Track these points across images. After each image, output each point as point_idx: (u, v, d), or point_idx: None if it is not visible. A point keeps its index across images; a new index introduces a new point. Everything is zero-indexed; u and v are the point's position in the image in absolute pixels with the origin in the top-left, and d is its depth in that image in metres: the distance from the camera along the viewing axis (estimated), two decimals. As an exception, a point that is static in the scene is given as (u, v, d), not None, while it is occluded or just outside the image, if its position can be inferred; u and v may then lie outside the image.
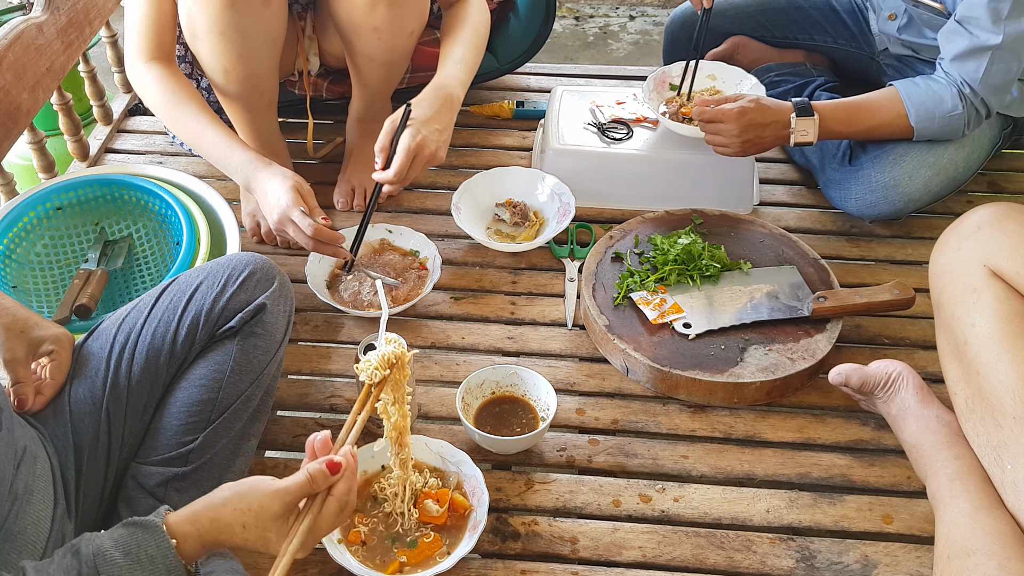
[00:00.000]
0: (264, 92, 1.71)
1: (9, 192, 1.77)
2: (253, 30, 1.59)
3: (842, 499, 1.35)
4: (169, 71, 1.61)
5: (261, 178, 1.52)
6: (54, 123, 1.98)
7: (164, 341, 1.21)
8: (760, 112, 1.64)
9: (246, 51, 1.60)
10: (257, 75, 1.66)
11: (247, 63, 1.62)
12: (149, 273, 1.64)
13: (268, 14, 1.59)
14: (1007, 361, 1.16)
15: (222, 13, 1.53)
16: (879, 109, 1.69)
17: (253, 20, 1.57)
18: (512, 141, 2.06)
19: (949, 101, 1.65)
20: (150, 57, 1.60)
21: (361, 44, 1.70)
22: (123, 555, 0.92)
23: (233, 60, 1.60)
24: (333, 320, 1.63)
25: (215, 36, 1.57)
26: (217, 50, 1.58)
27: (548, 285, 1.71)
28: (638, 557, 1.28)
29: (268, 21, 1.60)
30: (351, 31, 1.68)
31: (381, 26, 1.66)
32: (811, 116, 1.64)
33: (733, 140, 1.66)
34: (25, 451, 1.03)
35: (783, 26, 2.05)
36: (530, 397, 1.44)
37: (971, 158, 1.76)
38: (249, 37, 1.59)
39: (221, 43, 1.57)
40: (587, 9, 3.38)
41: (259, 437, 1.29)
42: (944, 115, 1.66)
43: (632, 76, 2.26)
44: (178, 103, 1.59)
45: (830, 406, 1.49)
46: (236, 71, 1.62)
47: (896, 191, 1.72)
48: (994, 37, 1.58)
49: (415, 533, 1.26)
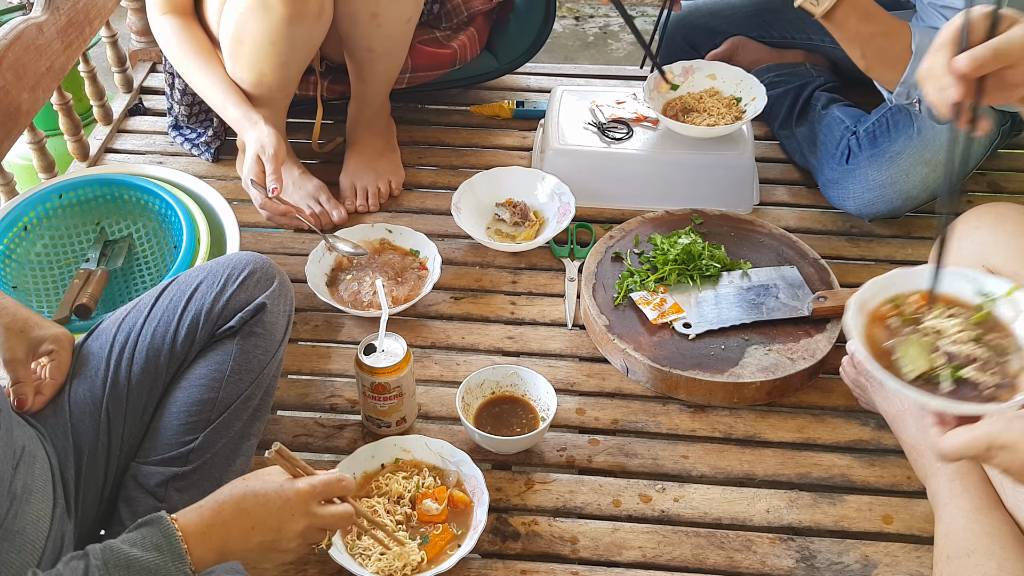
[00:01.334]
0: (289, 93, 1.77)
1: (9, 192, 1.77)
2: (302, 41, 1.63)
3: (842, 499, 1.36)
4: (182, 22, 1.69)
5: (243, 140, 1.65)
6: (54, 123, 1.98)
7: (164, 341, 1.21)
8: None
9: (289, 59, 1.65)
10: (290, 79, 1.72)
11: (286, 70, 1.67)
12: (149, 273, 1.64)
13: (319, 26, 1.63)
14: (1007, 361, 1.15)
15: (281, 26, 1.57)
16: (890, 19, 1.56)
17: (305, 31, 1.61)
18: (512, 141, 2.06)
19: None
20: (164, 10, 1.69)
21: (360, 34, 1.71)
22: (129, 546, 0.94)
23: (274, 67, 1.64)
24: (333, 320, 1.63)
25: (266, 45, 1.60)
26: (261, 56, 1.62)
27: (548, 285, 1.71)
28: (638, 557, 1.29)
29: (317, 32, 1.64)
30: (350, 21, 1.69)
31: (380, 12, 1.67)
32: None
33: None
34: (24, 451, 1.03)
35: (782, 26, 2.04)
36: (530, 397, 1.44)
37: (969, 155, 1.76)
38: (296, 47, 1.63)
39: (269, 52, 1.61)
40: (587, 9, 3.38)
41: (259, 437, 1.29)
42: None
43: (632, 76, 2.26)
44: (187, 54, 1.67)
45: (830, 406, 1.49)
46: (273, 75, 1.66)
47: (893, 189, 1.72)
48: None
49: (421, 531, 1.26)
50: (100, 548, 0.94)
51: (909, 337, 1.00)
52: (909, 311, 1.03)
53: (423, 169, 1.99)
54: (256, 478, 1.05)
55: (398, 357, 1.35)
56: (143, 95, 2.19)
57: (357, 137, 1.90)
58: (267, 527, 1.02)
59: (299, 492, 1.04)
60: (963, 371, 0.95)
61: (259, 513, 1.02)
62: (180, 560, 0.95)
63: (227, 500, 1.02)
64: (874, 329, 1.02)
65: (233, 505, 1.01)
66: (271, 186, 1.56)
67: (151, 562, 0.94)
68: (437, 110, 2.15)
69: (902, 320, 1.02)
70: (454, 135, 2.07)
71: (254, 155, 1.58)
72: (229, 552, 1.00)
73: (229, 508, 1.01)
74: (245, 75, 1.66)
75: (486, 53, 2.10)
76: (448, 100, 2.16)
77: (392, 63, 1.81)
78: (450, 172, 1.97)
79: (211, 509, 1.01)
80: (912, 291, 1.05)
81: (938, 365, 0.96)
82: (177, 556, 0.95)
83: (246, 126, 1.62)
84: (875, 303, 1.04)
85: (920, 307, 1.04)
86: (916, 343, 0.99)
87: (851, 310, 1.01)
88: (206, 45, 1.69)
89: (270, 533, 1.02)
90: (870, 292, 1.04)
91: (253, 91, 1.69)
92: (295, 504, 1.03)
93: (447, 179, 1.94)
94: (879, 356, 0.99)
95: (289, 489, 1.04)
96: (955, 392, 0.94)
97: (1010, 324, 1.00)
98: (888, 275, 1.05)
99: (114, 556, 0.93)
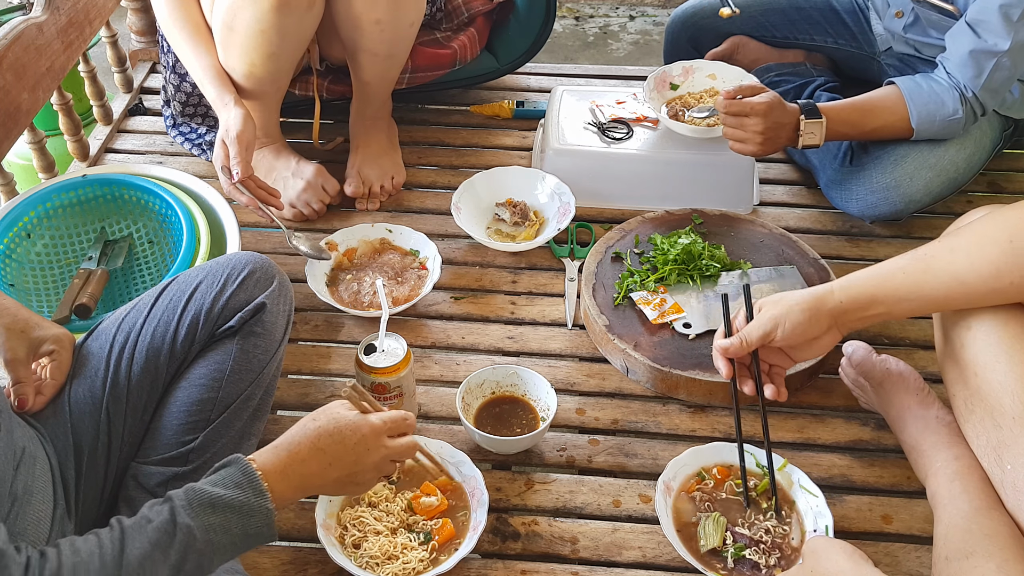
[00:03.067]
0: (280, 87, 1.77)
1: (9, 192, 1.77)
2: (291, 31, 1.63)
3: (842, 499, 1.35)
4: None
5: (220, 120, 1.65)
6: (54, 123, 1.98)
7: (164, 340, 1.21)
8: (782, 111, 1.64)
9: (279, 50, 1.65)
10: (280, 72, 1.72)
11: (276, 61, 1.67)
12: (149, 273, 1.64)
13: (309, 17, 1.63)
14: (1005, 362, 1.16)
15: (269, 13, 1.57)
16: (883, 111, 1.68)
17: (295, 22, 1.61)
18: (512, 141, 2.06)
19: (950, 104, 1.65)
20: None
21: (363, 39, 1.71)
22: (211, 486, 0.98)
23: (264, 57, 1.65)
24: (333, 320, 1.63)
25: (255, 33, 1.60)
26: (251, 45, 1.62)
27: (548, 285, 1.71)
28: (638, 557, 1.28)
29: (307, 24, 1.65)
30: (352, 26, 1.69)
31: (383, 18, 1.67)
32: (819, 119, 1.64)
33: (756, 136, 1.64)
34: (24, 452, 1.03)
35: (784, 26, 2.04)
36: (530, 397, 1.44)
37: (972, 159, 1.76)
38: (286, 38, 1.63)
39: (258, 40, 1.61)
40: (587, 9, 3.38)
41: (259, 436, 1.29)
42: (944, 118, 1.66)
43: (632, 76, 2.26)
44: (177, 24, 1.68)
45: (830, 406, 1.49)
46: (263, 67, 1.67)
47: (897, 192, 1.72)
48: (1003, 42, 1.57)
49: (422, 526, 1.27)
50: (183, 491, 0.97)
51: (712, 515, 1.26)
52: (709, 487, 1.31)
53: (423, 169, 1.99)
54: (327, 416, 1.08)
55: (398, 357, 1.35)
56: (143, 95, 2.19)
57: (360, 135, 1.90)
58: (345, 462, 1.07)
59: (373, 427, 1.09)
60: (745, 552, 1.22)
61: (336, 450, 1.06)
62: (262, 496, 0.99)
63: (303, 440, 1.05)
64: (682, 503, 1.29)
65: (310, 444, 1.05)
66: (235, 171, 1.56)
67: (234, 499, 0.97)
68: (437, 110, 2.15)
69: (703, 494, 1.30)
70: (454, 135, 2.07)
71: (219, 139, 1.59)
72: (308, 488, 1.06)
73: (306, 448, 1.05)
74: (236, 65, 1.67)
75: (486, 53, 2.10)
76: (448, 100, 2.16)
77: (395, 65, 1.81)
78: (450, 172, 1.97)
79: (287, 450, 1.04)
80: (713, 464, 1.33)
81: (727, 544, 1.23)
82: (259, 492, 0.99)
83: (219, 106, 1.64)
84: (679, 480, 1.31)
85: (719, 481, 1.31)
86: (715, 520, 1.26)
87: (659, 492, 1.27)
88: (198, 20, 1.69)
89: (348, 467, 1.07)
90: (671, 472, 1.30)
91: (244, 83, 1.69)
92: (370, 439, 1.08)
93: (447, 179, 1.94)
94: (682, 527, 1.26)
95: (364, 425, 1.08)
96: (737, 564, 1.22)
97: (788, 490, 1.30)
98: (685, 454, 1.32)
99: (197, 496, 0.96)
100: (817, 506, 1.27)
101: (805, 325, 1.24)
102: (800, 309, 1.24)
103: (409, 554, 1.22)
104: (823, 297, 1.24)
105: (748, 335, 1.27)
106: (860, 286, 1.24)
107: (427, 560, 1.22)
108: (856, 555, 1.07)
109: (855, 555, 1.07)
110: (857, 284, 1.24)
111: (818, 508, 1.26)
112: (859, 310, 1.24)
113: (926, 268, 1.20)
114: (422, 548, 1.23)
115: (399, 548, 1.23)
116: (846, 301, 1.24)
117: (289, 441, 1.06)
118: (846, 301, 1.24)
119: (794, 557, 1.23)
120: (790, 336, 1.25)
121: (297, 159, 1.84)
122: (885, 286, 1.22)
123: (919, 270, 1.21)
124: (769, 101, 1.63)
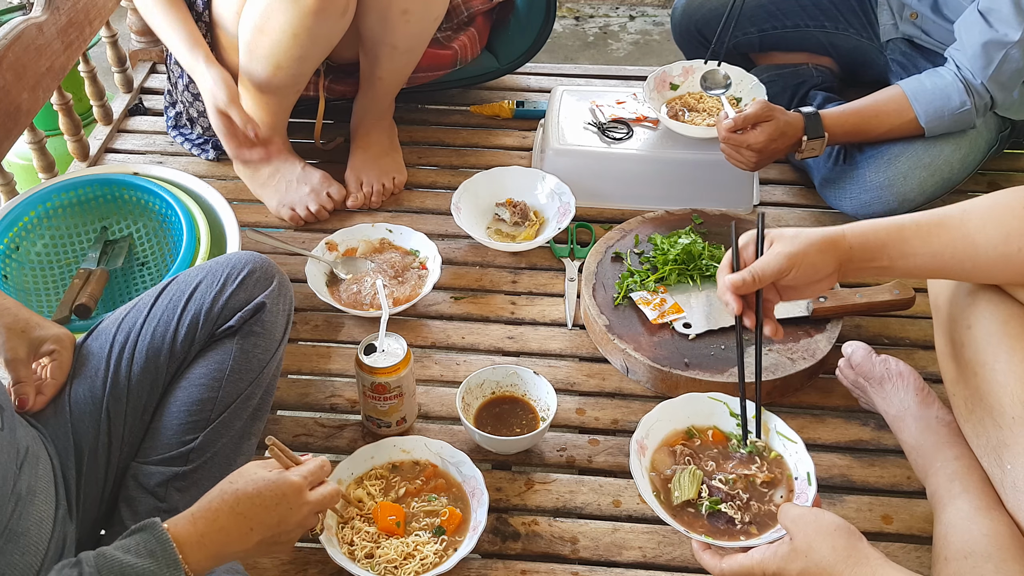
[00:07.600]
0: (299, 89, 1.78)
1: (9, 192, 1.77)
2: (323, 36, 1.63)
3: (842, 499, 1.36)
4: None
5: None
6: (54, 123, 1.98)
7: (164, 340, 1.21)
8: (782, 137, 1.65)
9: (307, 53, 1.65)
10: (303, 75, 1.74)
11: (302, 64, 1.68)
12: (149, 273, 1.64)
13: (342, 22, 1.63)
14: (1004, 362, 1.16)
15: (305, 18, 1.57)
16: (889, 114, 1.68)
17: (327, 27, 1.62)
18: (512, 141, 2.06)
19: (956, 98, 1.64)
20: None
21: (387, 31, 1.71)
22: (123, 552, 0.93)
23: (292, 60, 1.65)
24: (333, 320, 1.63)
25: (288, 36, 1.60)
26: (281, 48, 1.62)
27: (548, 285, 1.71)
28: (638, 557, 1.29)
29: (339, 28, 1.65)
30: (378, 18, 1.68)
31: (411, 7, 1.67)
32: (821, 137, 1.65)
33: (752, 156, 1.67)
34: (27, 451, 1.03)
35: (796, 14, 2.02)
36: (530, 397, 1.44)
37: (967, 159, 1.76)
38: (317, 42, 1.64)
39: (290, 44, 1.62)
40: (587, 9, 3.38)
41: (259, 436, 1.29)
42: (953, 112, 1.66)
43: (632, 76, 2.26)
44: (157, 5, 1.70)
45: (830, 406, 1.50)
46: (289, 69, 1.67)
47: (891, 191, 1.72)
48: (1014, 32, 1.56)
49: (425, 522, 1.28)
50: (93, 555, 0.93)
51: (688, 468, 1.21)
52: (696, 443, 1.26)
53: (423, 169, 1.99)
54: (244, 479, 1.03)
55: (398, 357, 1.35)
56: (143, 95, 2.19)
57: (362, 134, 1.90)
58: (266, 525, 1.02)
59: (294, 485, 1.04)
60: (720, 505, 1.18)
61: (257, 514, 1.01)
62: (175, 567, 0.94)
63: (221, 506, 1.01)
64: (661, 455, 1.24)
65: (228, 510, 1.00)
66: (250, 131, 1.63)
67: (145, 569, 0.93)
68: (437, 110, 2.15)
69: (689, 450, 1.25)
70: (454, 135, 2.07)
71: (214, 110, 1.64)
72: (228, 555, 1.00)
73: (225, 514, 1.00)
74: (259, 67, 1.67)
75: (486, 53, 2.10)
76: (448, 100, 2.17)
77: (411, 61, 1.81)
78: (450, 172, 1.97)
79: (204, 517, 1.00)
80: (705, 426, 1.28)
81: (703, 496, 1.18)
82: (172, 563, 0.94)
83: (193, 67, 1.67)
84: (654, 438, 1.25)
85: (707, 442, 1.27)
86: (691, 473, 1.20)
87: (632, 452, 1.21)
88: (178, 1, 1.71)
89: (271, 528, 1.02)
90: (643, 431, 1.25)
91: (263, 84, 1.69)
92: (291, 497, 1.04)
93: (447, 179, 1.94)
94: (660, 481, 1.21)
95: (284, 483, 1.04)
96: (711, 518, 1.17)
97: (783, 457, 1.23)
98: (655, 409, 1.27)
99: (107, 563, 0.92)
100: (797, 452, 1.22)
101: (818, 267, 1.19)
102: (817, 250, 1.18)
103: (424, 548, 1.24)
104: (836, 240, 1.19)
105: (761, 272, 1.19)
106: (872, 233, 1.20)
107: (441, 552, 1.24)
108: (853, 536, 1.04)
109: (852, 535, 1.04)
110: (869, 231, 1.20)
111: (798, 455, 1.21)
112: (866, 258, 1.20)
113: (939, 223, 1.18)
114: (435, 541, 1.25)
115: (413, 547, 1.24)
116: (856, 247, 1.19)
117: (207, 507, 1.01)
118: (856, 247, 1.19)
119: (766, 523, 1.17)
120: (801, 277, 1.19)
121: (303, 164, 1.84)
122: (896, 236, 1.19)
123: (931, 224, 1.18)
124: (769, 133, 1.63)
